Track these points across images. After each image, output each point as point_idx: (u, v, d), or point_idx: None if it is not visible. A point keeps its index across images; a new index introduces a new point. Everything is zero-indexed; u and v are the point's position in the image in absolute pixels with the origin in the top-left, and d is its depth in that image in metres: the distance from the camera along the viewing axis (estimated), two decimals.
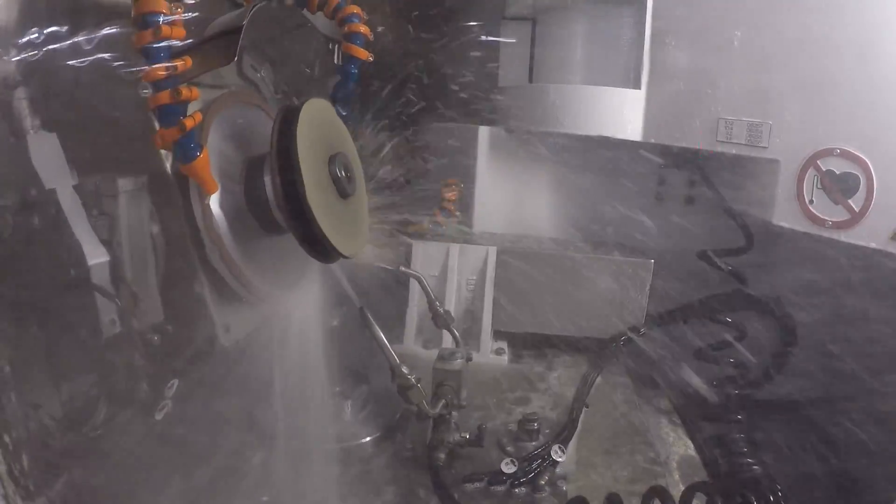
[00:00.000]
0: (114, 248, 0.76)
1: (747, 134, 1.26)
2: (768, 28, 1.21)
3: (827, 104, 1.17)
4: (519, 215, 1.60)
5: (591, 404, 1.23)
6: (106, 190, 0.76)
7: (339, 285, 0.98)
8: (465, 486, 0.97)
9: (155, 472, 0.78)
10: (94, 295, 0.74)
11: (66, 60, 0.74)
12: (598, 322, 1.40)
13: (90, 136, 0.76)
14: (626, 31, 1.39)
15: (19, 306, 0.69)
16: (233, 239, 0.85)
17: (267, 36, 0.96)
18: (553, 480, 0.99)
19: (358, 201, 0.94)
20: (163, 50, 0.69)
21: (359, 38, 1.01)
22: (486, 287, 1.40)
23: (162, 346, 0.79)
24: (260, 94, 1.00)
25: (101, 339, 0.75)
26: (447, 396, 1.00)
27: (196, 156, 0.74)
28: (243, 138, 0.92)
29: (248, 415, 0.90)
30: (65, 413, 0.73)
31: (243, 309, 0.88)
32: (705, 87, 1.28)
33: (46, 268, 0.73)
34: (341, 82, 1.04)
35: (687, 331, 1.38)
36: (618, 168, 1.48)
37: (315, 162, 0.83)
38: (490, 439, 1.04)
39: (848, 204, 1.17)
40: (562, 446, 1.03)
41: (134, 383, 0.79)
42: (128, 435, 0.77)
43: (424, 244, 1.43)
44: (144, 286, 0.79)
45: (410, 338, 1.40)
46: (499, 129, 1.57)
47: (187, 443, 0.81)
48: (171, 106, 0.71)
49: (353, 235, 0.90)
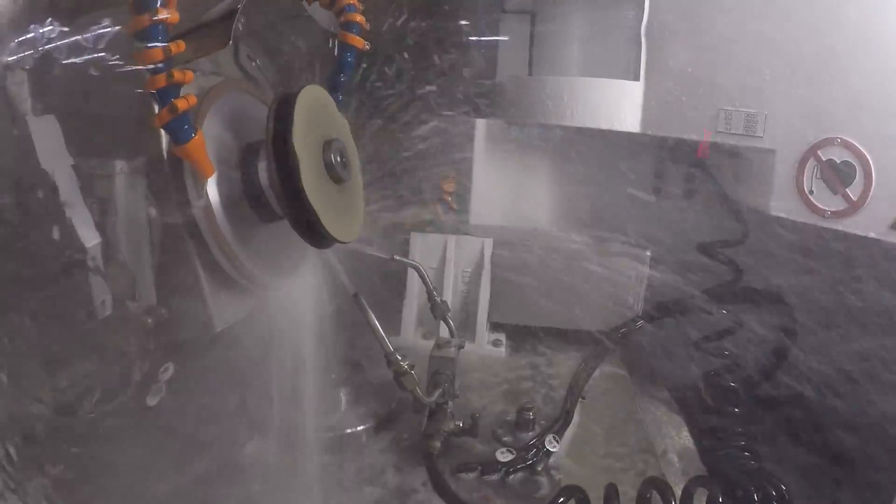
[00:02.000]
0: (108, 230, 0.76)
1: (745, 124, 1.25)
2: (768, 16, 1.21)
3: (827, 93, 1.17)
4: (516, 207, 1.59)
5: (588, 395, 1.23)
6: (102, 171, 0.77)
7: (333, 273, 0.98)
8: (460, 474, 0.96)
9: (147, 457, 0.78)
10: (87, 276, 0.74)
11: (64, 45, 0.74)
12: (594, 313, 1.40)
13: (86, 118, 0.76)
14: (624, 23, 1.39)
15: (12, 287, 0.69)
16: (228, 224, 0.85)
17: (263, 25, 0.96)
18: (548, 470, 0.99)
19: (353, 188, 0.94)
20: (158, 33, 0.70)
21: (355, 27, 1.01)
22: (483, 279, 1.40)
23: (155, 329, 0.79)
24: (256, 83, 1.00)
25: (95, 322, 0.75)
26: (444, 385, 1.00)
27: (190, 137, 0.74)
28: (239, 125, 0.92)
29: (241, 400, 0.90)
30: (55, 396, 0.73)
31: (238, 294, 0.88)
32: (704, 77, 1.28)
33: (41, 249, 0.73)
34: (337, 70, 1.04)
35: (684, 322, 1.38)
36: (615, 159, 1.48)
37: (310, 147, 0.83)
38: (485, 429, 1.04)
39: (847, 194, 1.17)
40: (556, 436, 1.03)
41: (127, 367, 0.79)
42: (120, 419, 0.77)
43: (422, 236, 1.43)
44: (138, 269, 0.79)
45: (409, 329, 1.40)
46: (497, 121, 1.57)
47: (179, 427, 0.81)
48: (165, 88, 0.71)
49: (348, 222, 0.90)
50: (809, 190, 1.21)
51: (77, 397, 0.75)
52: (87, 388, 0.76)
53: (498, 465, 0.96)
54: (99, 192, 0.77)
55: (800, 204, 1.22)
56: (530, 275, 1.41)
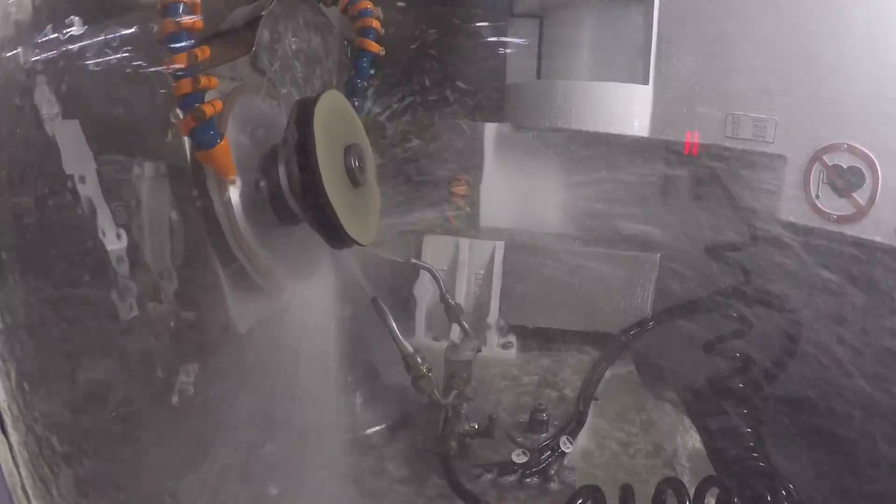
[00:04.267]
0: (133, 233, 0.77)
1: (753, 129, 1.27)
2: (776, 22, 1.22)
3: (834, 98, 1.18)
4: (526, 211, 1.61)
5: (600, 397, 1.24)
6: (126, 176, 0.77)
7: (351, 276, 0.99)
8: (476, 475, 0.97)
9: (170, 457, 0.79)
10: (111, 279, 0.75)
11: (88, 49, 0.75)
12: (605, 315, 1.41)
13: (110, 124, 0.77)
14: (633, 26, 1.40)
15: (38, 291, 0.70)
16: (249, 226, 0.86)
17: (282, 29, 0.97)
18: (562, 471, 0.99)
19: (370, 191, 0.95)
20: (183, 38, 0.70)
21: (371, 32, 1.02)
22: (494, 281, 1.41)
23: (179, 331, 0.80)
24: (274, 87, 1.01)
25: (119, 323, 0.76)
26: (459, 387, 1.01)
27: (216, 143, 0.75)
28: (258, 129, 0.93)
29: (259, 401, 0.91)
30: (80, 396, 0.74)
31: (259, 296, 0.89)
32: (714, 82, 1.30)
33: (66, 252, 0.74)
34: (354, 75, 1.06)
35: (693, 324, 1.39)
36: (625, 162, 1.49)
37: (330, 152, 0.84)
38: (500, 431, 1.04)
39: (854, 198, 1.18)
40: (570, 438, 1.04)
41: (150, 368, 0.80)
42: (143, 419, 0.78)
43: (434, 238, 1.44)
44: (162, 272, 0.80)
45: (421, 330, 1.41)
46: (506, 125, 1.58)
47: (201, 427, 0.82)
48: (191, 94, 0.72)
49: (365, 224, 0.91)
50: (816, 195, 1.23)
51: (101, 397, 0.76)
52: (111, 388, 0.77)
53: (514, 466, 0.97)
54: (123, 195, 0.78)
55: (806, 208, 1.23)
56: (540, 277, 1.42)
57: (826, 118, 1.19)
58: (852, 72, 1.15)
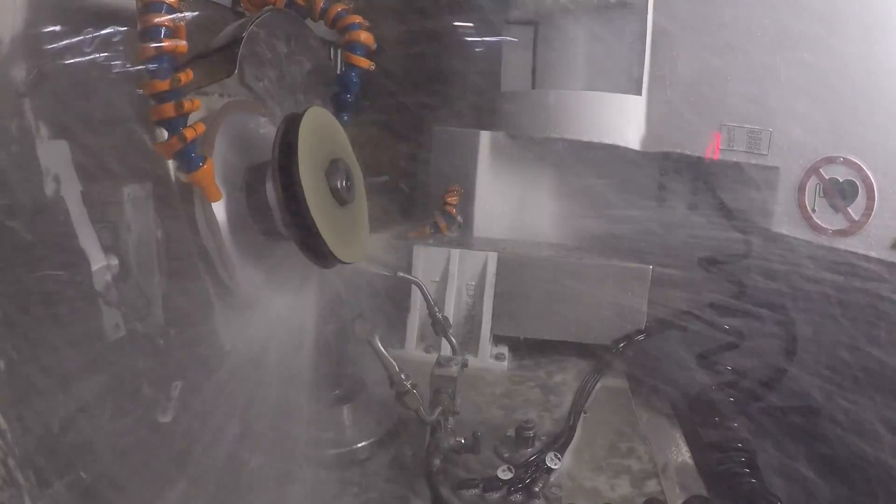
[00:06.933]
0: (118, 253, 0.78)
1: (747, 141, 1.26)
2: (770, 33, 1.21)
3: (830, 112, 1.17)
4: (520, 221, 1.60)
5: (589, 410, 1.23)
6: (111, 197, 0.78)
7: (338, 292, 1.00)
8: (461, 491, 0.97)
9: (155, 474, 0.80)
10: (98, 299, 0.76)
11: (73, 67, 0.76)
12: (597, 327, 1.41)
13: (96, 143, 0.78)
14: (627, 36, 1.39)
15: (24, 309, 0.71)
16: (235, 245, 0.86)
17: (269, 46, 0.97)
18: (548, 487, 0.99)
19: (357, 208, 0.95)
20: (166, 62, 0.71)
21: (360, 48, 1.02)
22: (486, 292, 1.41)
23: (165, 349, 0.81)
24: (263, 103, 1.02)
25: (105, 343, 0.76)
26: (444, 403, 1.01)
27: (199, 166, 0.75)
28: (247, 146, 0.93)
29: (244, 418, 0.91)
30: (68, 414, 0.75)
31: (244, 313, 0.89)
32: (707, 93, 1.28)
33: (52, 273, 0.74)
34: (342, 90, 1.06)
35: (686, 336, 1.38)
36: (619, 174, 1.48)
37: (315, 169, 0.84)
38: (486, 446, 1.05)
39: (849, 212, 1.17)
40: (557, 454, 1.04)
41: (137, 386, 0.80)
42: (130, 436, 0.79)
43: (425, 249, 1.44)
44: (148, 291, 0.81)
45: (412, 343, 1.41)
46: (500, 134, 1.58)
47: (187, 444, 0.83)
48: (173, 118, 0.72)
49: (352, 242, 0.91)
50: (812, 208, 1.21)
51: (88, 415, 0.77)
52: (99, 406, 0.77)
53: (499, 482, 0.97)
54: (109, 216, 0.79)
55: (802, 222, 1.22)
56: (533, 288, 1.42)
57: (822, 131, 1.18)
58: (849, 85, 1.14)
